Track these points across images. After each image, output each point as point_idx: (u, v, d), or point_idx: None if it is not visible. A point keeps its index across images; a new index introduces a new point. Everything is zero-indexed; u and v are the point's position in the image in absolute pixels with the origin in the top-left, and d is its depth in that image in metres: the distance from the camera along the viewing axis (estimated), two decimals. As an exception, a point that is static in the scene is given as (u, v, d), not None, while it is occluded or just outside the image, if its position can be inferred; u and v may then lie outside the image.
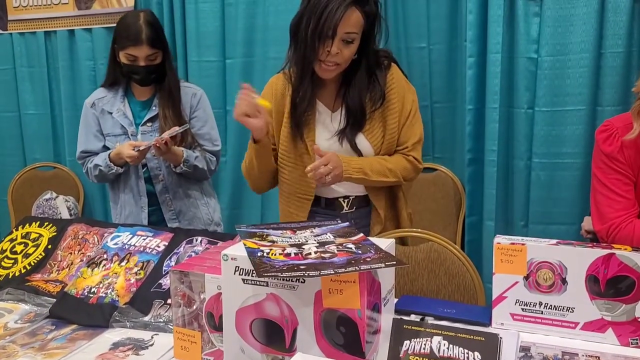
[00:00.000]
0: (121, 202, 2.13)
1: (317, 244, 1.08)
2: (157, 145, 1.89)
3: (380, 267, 0.97)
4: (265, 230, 1.18)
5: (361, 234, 1.15)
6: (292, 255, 1.03)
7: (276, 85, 1.71)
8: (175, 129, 1.92)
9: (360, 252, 1.03)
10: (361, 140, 1.66)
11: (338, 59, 1.55)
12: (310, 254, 1.03)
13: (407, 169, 1.69)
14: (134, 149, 1.91)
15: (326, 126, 1.68)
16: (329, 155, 1.57)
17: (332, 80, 1.65)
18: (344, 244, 1.08)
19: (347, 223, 1.24)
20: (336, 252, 1.04)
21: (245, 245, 1.07)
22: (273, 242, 1.10)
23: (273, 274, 0.95)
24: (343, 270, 0.95)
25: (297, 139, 1.67)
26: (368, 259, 0.99)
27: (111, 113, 2.08)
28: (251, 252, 1.03)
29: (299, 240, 1.11)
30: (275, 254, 1.03)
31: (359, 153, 1.66)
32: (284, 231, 1.18)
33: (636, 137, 1.48)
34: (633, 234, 1.49)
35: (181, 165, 2.02)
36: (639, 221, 1.51)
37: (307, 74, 1.59)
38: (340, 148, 1.66)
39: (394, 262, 0.98)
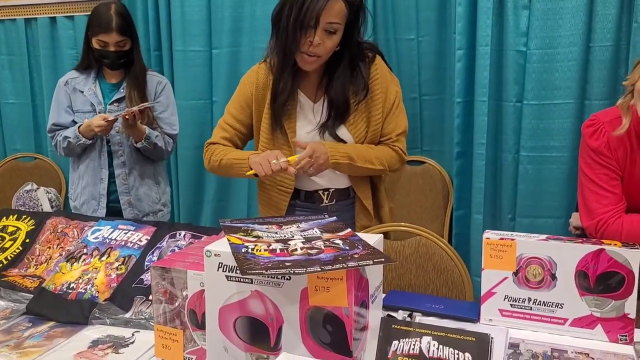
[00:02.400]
0: (80, 172, 2.31)
1: (304, 240, 1.05)
2: (126, 116, 2.06)
3: (368, 265, 0.95)
4: (250, 225, 1.15)
5: (349, 229, 1.12)
6: (278, 251, 1.00)
7: (258, 74, 1.69)
8: (144, 104, 2.12)
9: (347, 248, 1.01)
10: (343, 132, 1.64)
11: (319, 50, 1.52)
12: (296, 250, 1.00)
13: (392, 158, 1.68)
14: (103, 120, 2.09)
15: (307, 118, 1.66)
16: (312, 145, 1.55)
17: (314, 71, 1.62)
18: (331, 240, 1.05)
19: (335, 218, 1.21)
20: (323, 248, 1.01)
21: (229, 240, 1.03)
22: (258, 237, 1.07)
23: (258, 271, 0.92)
24: (330, 267, 0.92)
25: (277, 130, 1.65)
26: (356, 256, 0.96)
27: (82, 92, 2.26)
28: (235, 248, 1.00)
29: (284, 236, 1.08)
30: (260, 250, 1.00)
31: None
32: (270, 226, 1.14)
33: (623, 132, 1.47)
34: (622, 229, 1.48)
35: (142, 140, 2.19)
36: (627, 216, 1.51)
37: (287, 64, 1.57)
38: (322, 140, 1.64)
39: (383, 259, 0.96)
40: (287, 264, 0.94)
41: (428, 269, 1.60)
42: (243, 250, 0.99)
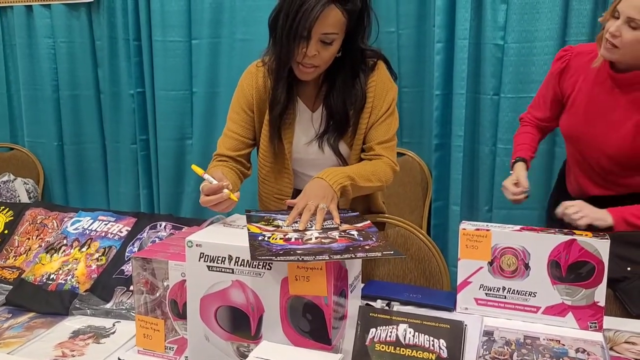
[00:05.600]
0: None
1: (320, 230, 1.09)
2: None
3: (377, 257, 0.98)
4: (274, 215, 1.20)
5: (368, 221, 1.15)
6: (293, 240, 1.04)
7: (257, 77, 1.58)
8: None
9: (361, 239, 1.03)
10: (340, 144, 1.57)
11: (316, 60, 1.43)
12: (310, 239, 1.04)
13: (386, 172, 1.55)
14: None
15: (306, 127, 1.58)
16: (304, 193, 1.32)
17: (314, 79, 1.53)
18: (347, 231, 1.08)
19: (357, 212, 1.24)
20: (337, 238, 1.04)
21: (249, 230, 1.08)
22: (278, 227, 1.11)
23: (268, 257, 0.95)
24: (339, 256, 0.94)
25: (276, 140, 1.56)
26: (367, 247, 0.99)
27: None
28: (252, 236, 1.04)
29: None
30: (276, 239, 1.03)
31: (342, 158, 1.57)
32: None
33: (599, 66, 1.61)
34: (518, 133, 1.94)
35: None
36: (529, 129, 1.91)
37: (282, 75, 1.47)
38: (322, 153, 1.57)
39: (392, 252, 0.98)
40: (298, 251, 0.97)
41: (406, 259, 1.63)
42: (260, 238, 1.03)
